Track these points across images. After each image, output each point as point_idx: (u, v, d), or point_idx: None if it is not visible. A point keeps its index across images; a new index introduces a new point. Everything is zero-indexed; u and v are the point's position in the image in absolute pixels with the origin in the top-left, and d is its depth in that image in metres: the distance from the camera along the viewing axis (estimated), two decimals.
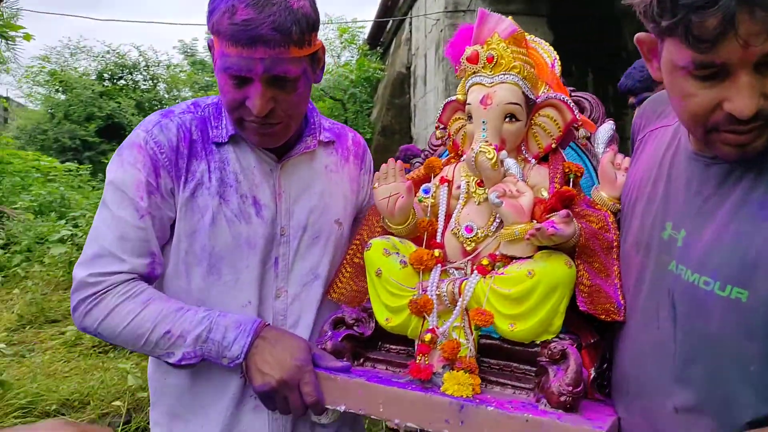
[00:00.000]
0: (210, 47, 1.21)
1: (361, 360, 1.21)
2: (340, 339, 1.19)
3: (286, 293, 1.31)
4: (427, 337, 1.09)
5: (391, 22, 10.16)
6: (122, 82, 17.24)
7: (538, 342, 1.06)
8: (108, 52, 17.26)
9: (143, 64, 17.42)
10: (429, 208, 1.23)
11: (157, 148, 1.22)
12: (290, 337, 1.20)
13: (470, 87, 1.18)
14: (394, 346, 1.23)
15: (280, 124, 1.20)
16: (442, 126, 1.31)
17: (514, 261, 1.08)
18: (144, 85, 17.44)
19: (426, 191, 1.24)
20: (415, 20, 8.57)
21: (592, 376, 1.07)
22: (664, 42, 0.86)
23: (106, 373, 3.95)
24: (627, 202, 1.12)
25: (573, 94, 1.30)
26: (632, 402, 1.02)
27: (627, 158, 1.17)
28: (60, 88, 16.55)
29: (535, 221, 1.05)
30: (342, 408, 1.12)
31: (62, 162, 11.52)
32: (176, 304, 1.21)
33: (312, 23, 1.15)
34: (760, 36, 0.76)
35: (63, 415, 3.56)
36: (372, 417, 1.11)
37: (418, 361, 1.09)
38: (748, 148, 0.86)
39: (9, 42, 9.24)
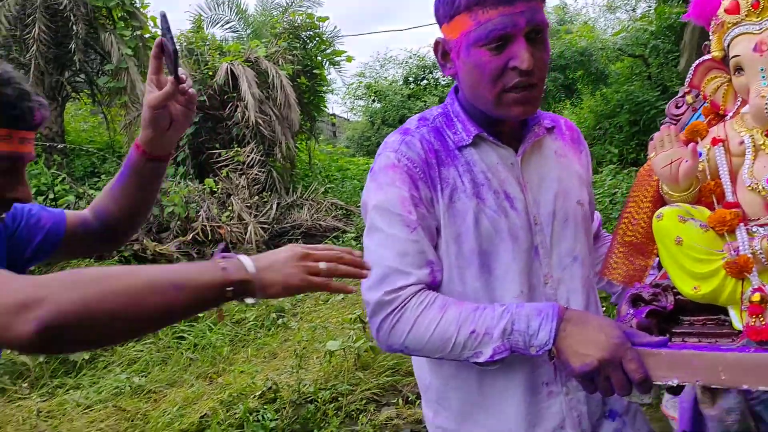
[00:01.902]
0: (438, 46, 1.26)
1: (667, 336, 1.16)
2: (644, 315, 1.15)
3: (552, 278, 1.31)
4: (756, 297, 1.02)
5: None
6: (424, 82, 18.66)
7: None
8: (410, 58, 18.91)
9: None
10: (705, 172, 1.17)
11: (410, 163, 1.27)
12: (596, 317, 1.17)
13: (733, 39, 1.12)
14: (698, 318, 1.17)
15: (537, 87, 1.22)
16: (692, 91, 1.24)
17: None
18: (443, 81, 18.58)
19: (699, 155, 1.18)
20: None
21: None
22: None
23: None
24: None
25: None
26: None
27: None
28: (375, 98, 18.62)
29: None
30: (675, 381, 1.07)
31: None
32: (470, 304, 1.22)
33: None
34: None
35: None
36: (712, 386, 1.06)
37: (752, 323, 1.02)
38: None
39: (336, 67, 10.70)
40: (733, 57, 1.12)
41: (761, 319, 1.01)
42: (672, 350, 1.06)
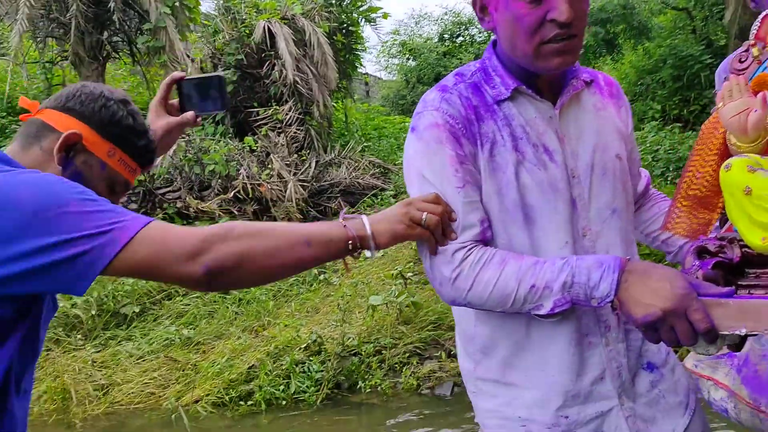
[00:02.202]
0: (477, 1, 1.27)
1: (734, 288, 1.15)
2: (710, 267, 1.14)
3: (591, 231, 1.33)
4: None
5: None
6: (460, 39, 18.38)
7: None
8: (446, 14, 18.62)
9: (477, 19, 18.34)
10: None
11: (453, 120, 1.28)
12: (661, 268, 1.18)
13: None
14: (764, 270, 1.15)
15: (576, 38, 1.22)
16: (759, 43, 1.20)
17: None
18: (479, 37, 18.25)
19: None
20: None
21: None
22: None
23: None
24: None
25: None
26: None
27: None
28: (410, 56, 18.39)
29: None
30: (743, 331, 1.07)
31: None
32: (529, 258, 1.25)
33: None
34: None
35: None
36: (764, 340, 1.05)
37: None
38: None
39: (372, 24, 10.60)
40: None
41: None
42: (740, 299, 1.06)
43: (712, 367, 1.71)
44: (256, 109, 8.86)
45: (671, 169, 7.41)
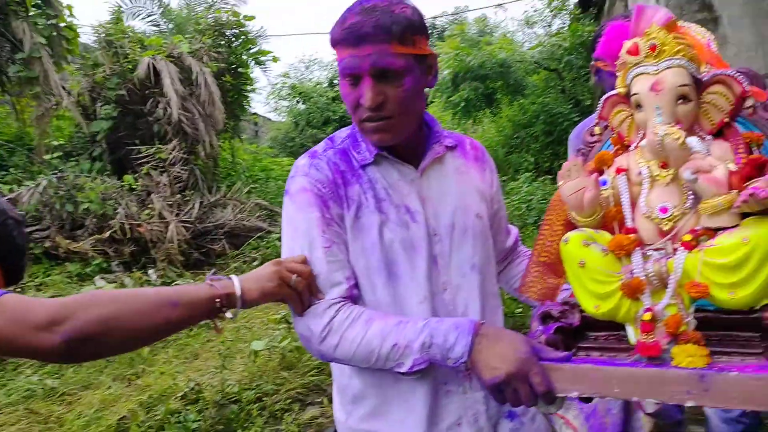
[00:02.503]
0: None
1: (573, 350, 1.25)
2: (552, 332, 1.24)
3: (451, 285, 1.42)
4: (647, 316, 1.11)
5: None
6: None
7: (757, 307, 1.06)
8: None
9: None
10: (610, 199, 1.26)
11: (320, 185, 1.37)
12: (509, 333, 1.26)
13: (633, 78, 1.21)
14: (601, 334, 1.25)
15: (392, 120, 1.32)
16: (602, 122, 1.34)
17: (718, 232, 1.08)
18: None
19: (603, 183, 1.27)
20: None
21: None
22: None
23: None
24: None
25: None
26: None
27: None
28: (299, 99, 18.53)
29: (734, 191, 1.06)
30: (575, 394, 1.15)
31: None
32: (394, 318, 1.32)
33: (413, 26, 1.30)
34: None
35: None
36: (607, 398, 1.15)
37: (643, 340, 1.11)
38: None
39: (261, 66, 10.59)
40: (633, 94, 1.21)
41: (651, 336, 1.11)
42: (573, 365, 1.16)
43: (564, 407, 1.84)
44: (137, 147, 8.55)
45: (543, 218, 7.88)
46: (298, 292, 1.31)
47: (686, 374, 1.04)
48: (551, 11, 13.28)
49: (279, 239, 8.20)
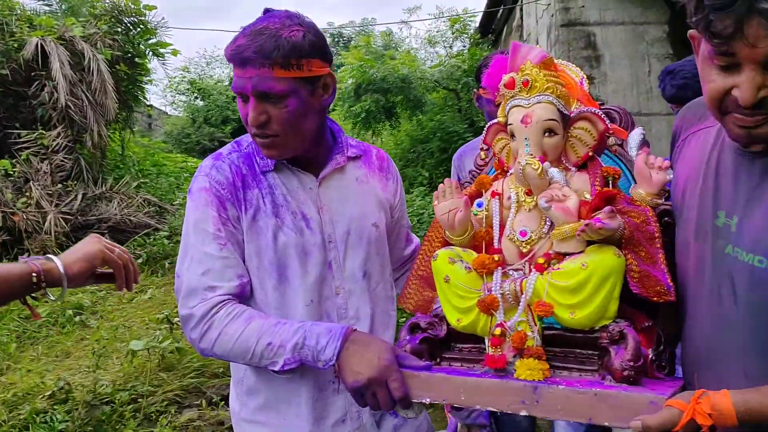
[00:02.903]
0: None
1: (438, 360, 1.33)
2: (417, 342, 1.31)
3: (344, 290, 1.50)
4: (498, 331, 1.21)
5: (501, 9, 10.09)
6: None
7: (597, 327, 1.18)
8: None
9: None
10: (483, 220, 1.35)
11: (219, 186, 1.43)
12: (377, 340, 1.35)
13: (510, 109, 1.31)
14: (465, 345, 1.33)
15: (277, 137, 1.39)
16: (486, 147, 1.44)
17: (567, 257, 1.20)
18: None
19: (479, 205, 1.36)
20: (526, 6, 8.59)
21: (651, 357, 1.19)
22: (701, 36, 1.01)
23: None
24: (679, 196, 1.25)
25: (602, 107, 1.42)
26: (705, 373, 1.14)
27: (659, 158, 1.28)
28: (198, 95, 18.01)
29: (582, 220, 1.17)
30: (427, 400, 1.24)
31: None
32: (273, 319, 1.38)
33: (300, 50, 1.34)
34: (766, 39, 0.91)
35: None
36: (455, 405, 1.25)
37: (491, 353, 1.21)
38: (753, 132, 1.02)
39: (160, 58, 10.23)
40: (508, 125, 1.31)
41: (499, 350, 1.21)
42: (428, 374, 1.25)
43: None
44: (17, 131, 8.02)
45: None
46: (122, 264, 1.35)
47: (522, 385, 1.15)
48: (453, 33, 13.74)
49: (167, 237, 7.97)
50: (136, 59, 9.74)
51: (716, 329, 1.12)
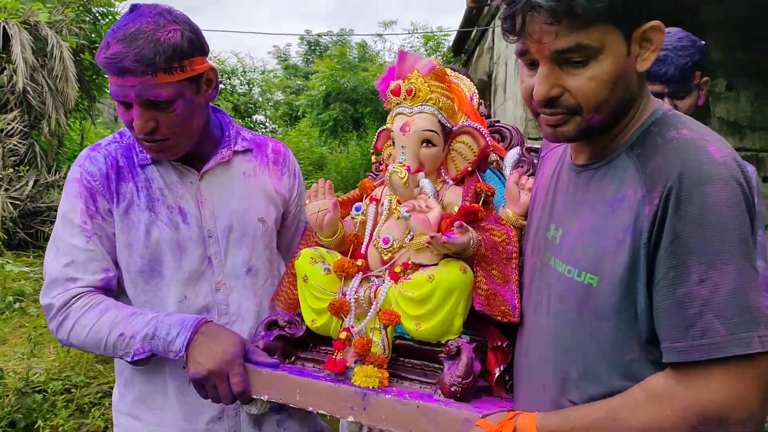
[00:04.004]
0: None
1: (293, 358, 1.32)
2: (271, 339, 1.30)
3: (225, 286, 1.46)
4: (342, 335, 1.21)
5: (475, 30, 10.21)
6: (221, 86, 18.34)
7: (443, 341, 1.18)
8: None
9: (240, 69, 18.46)
10: (359, 224, 1.36)
11: (90, 177, 1.39)
12: (227, 333, 1.33)
13: (395, 116, 1.31)
14: (323, 347, 1.34)
15: (167, 141, 1.34)
16: (376, 152, 1.45)
17: (421, 268, 1.19)
18: (241, 89, 18.41)
19: (357, 209, 1.37)
20: (497, 29, 8.71)
21: (496, 375, 1.18)
22: None
23: None
24: (530, 212, 1.26)
25: (497, 124, 1.44)
26: (521, 389, 1.14)
27: (531, 179, 1.29)
28: None
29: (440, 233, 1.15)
30: (265, 397, 1.23)
31: None
32: (130, 310, 1.36)
33: (182, 51, 1.27)
34: (549, 35, 0.94)
35: None
36: (290, 405, 1.24)
37: (334, 357, 1.21)
38: (557, 131, 1.03)
39: None
40: (391, 131, 1.32)
41: (341, 354, 1.21)
42: (269, 371, 1.24)
43: None
44: None
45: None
46: None
47: (353, 391, 1.15)
48: (426, 50, 13.94)
49: None
50: None
51: (534, 344, 1.12)
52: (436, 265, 1.19)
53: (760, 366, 0.88)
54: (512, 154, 1.39)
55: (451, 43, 12.82)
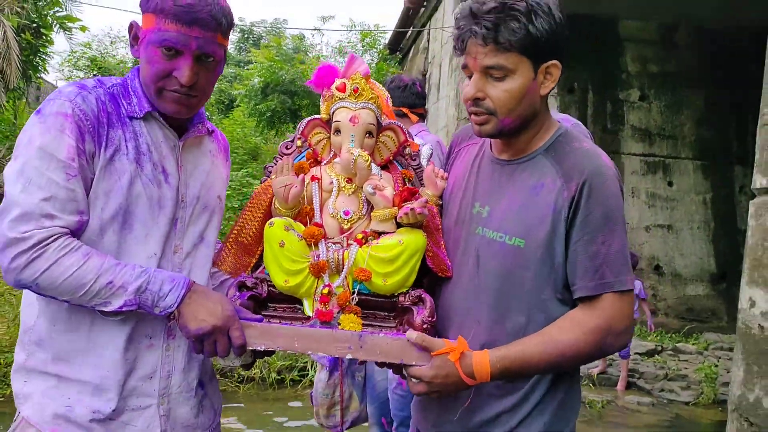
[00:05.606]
0: (132, 28, 1.41)
1: (262, 316, 1.42)
2: (246, 298, 1.41)
3: (182, 250, 1.47)
4: (326, 290, 1.39)
5: (411, 30, 10.31)
6: None
7: (396, 294, 1.42)
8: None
9: None
10: (304, 199, 1.49)
11: (83, 115, 1.32)
12: (216, 293, 1.38)
13: (336, 109, 1.49)
14: (280, 306, 1.47)
15: (196, 98, 1.40)
16: (303, 138, 1.57)
17: (381, 235, 1.41)
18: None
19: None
20: (433, 30, 8.84)
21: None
22: None
23: None
24: (447, 195, 1.56)
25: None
26: (454, 324, 1.43)
27: (441, 170, 1.55)
28: (98, 74, 17.24)
29: (405, 204, 1.39)
30: (262, 347, 1.34)
31: None
32: (112, 259, 1.31)
33: (232, 23, 1.42)
34: (481, 54, 1.31)
35: None
36: (288, 351, 1.38)
37: (320, 308, 1.39)
38: (482, 129, 1.40)
39: (67, 33, 9.91)
40: (335, 122, 1.48)
41: (327, 306, 1.39)
42: (265, 324, 1.36)
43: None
44: None
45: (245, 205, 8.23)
46: None
47: (350, 334, 1.33)
48: (363, 46, 14.05)
49: None
50: (42, 30, 9.45)
51: (464, 291, 1.43)
52: (394, 232, 1.42)
53: (630, 296, 1.35)
54: (426, 149, 1.69)
55: (387, 41, 13.01)
